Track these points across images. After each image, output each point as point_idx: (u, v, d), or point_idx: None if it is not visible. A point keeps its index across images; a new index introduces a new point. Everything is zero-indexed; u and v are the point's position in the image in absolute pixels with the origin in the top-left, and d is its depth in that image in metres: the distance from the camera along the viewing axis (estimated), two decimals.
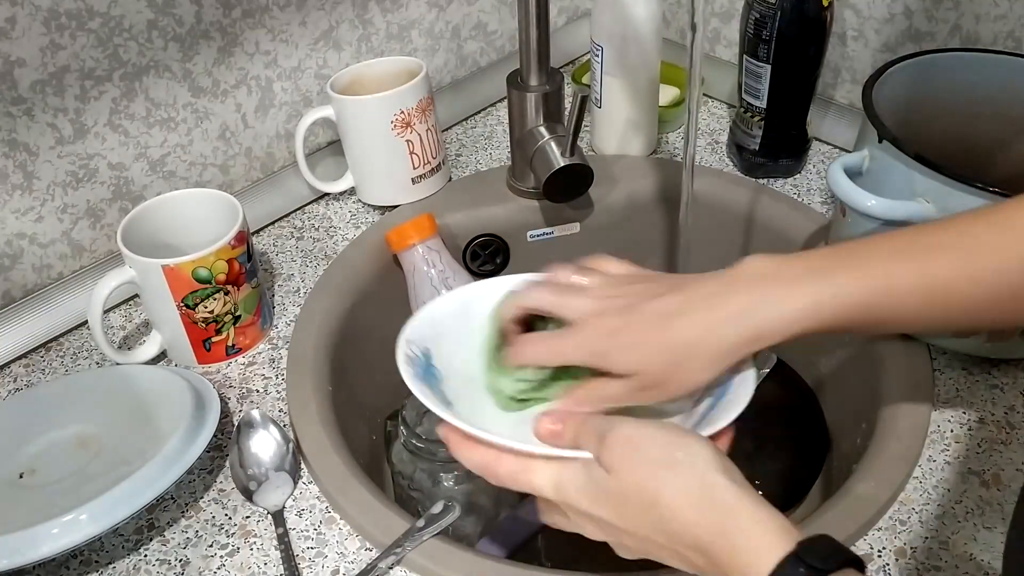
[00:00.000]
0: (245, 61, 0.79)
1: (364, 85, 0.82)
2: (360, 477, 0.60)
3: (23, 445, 0.61)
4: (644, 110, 0.86)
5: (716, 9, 0.94)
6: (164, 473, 0.56)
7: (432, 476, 0.65)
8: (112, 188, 0.75)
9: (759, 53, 0.78)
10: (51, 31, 0.67)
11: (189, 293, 0.66)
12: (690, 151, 0.68)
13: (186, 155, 0.79)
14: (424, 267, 0.75)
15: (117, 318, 0.76)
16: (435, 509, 0.57)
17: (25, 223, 0.72)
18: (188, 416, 0.59)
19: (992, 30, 0.77)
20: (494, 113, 0.98)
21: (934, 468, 0.59)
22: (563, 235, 0.85)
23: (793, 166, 0.85)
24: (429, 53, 0.93)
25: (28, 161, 0.70)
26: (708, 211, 0.82)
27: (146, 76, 0.74)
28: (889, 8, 0.81)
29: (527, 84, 0.77)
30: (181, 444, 0.58)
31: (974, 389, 0.64)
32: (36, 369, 0.72)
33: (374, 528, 0.57)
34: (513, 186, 0.83)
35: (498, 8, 0.97)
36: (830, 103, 0.88)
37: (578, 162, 0.75)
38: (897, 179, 0.61)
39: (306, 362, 0.69)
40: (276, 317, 0.74)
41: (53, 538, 0.53)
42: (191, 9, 0.74)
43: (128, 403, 0.65)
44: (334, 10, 0.83)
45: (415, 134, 0.79)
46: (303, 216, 0.85)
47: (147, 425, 0.61)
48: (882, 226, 0.62)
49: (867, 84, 0.66)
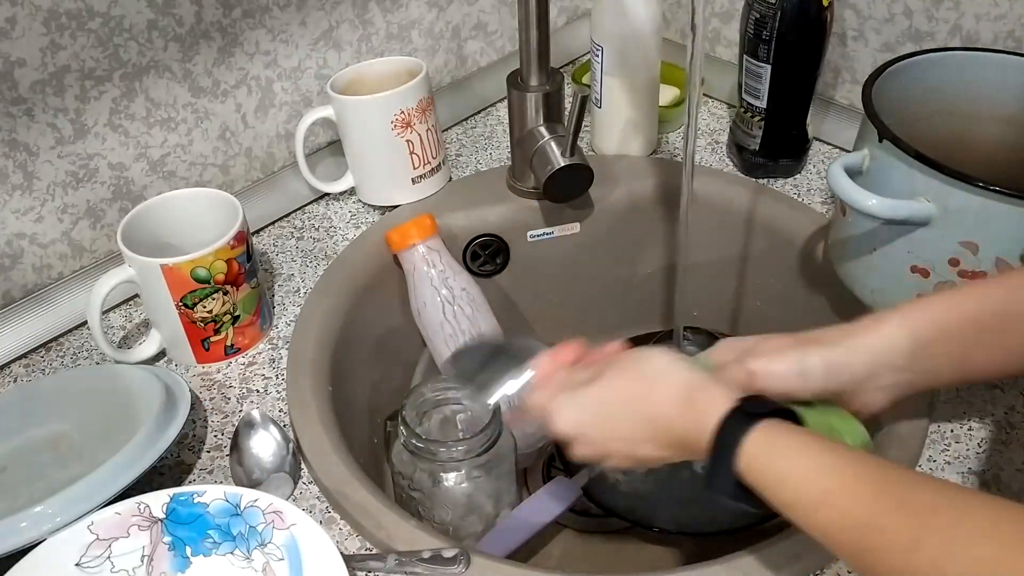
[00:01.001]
0: (245, 61, 0.79)
1: (364, 85, 0.82)
2: (360, 477, 0.60)
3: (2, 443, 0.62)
4: (644, 110, 0.86)
5: (716, 9, 0.94)
6: (115, 478, 0.56)
7: (432, 476, 0.65)
8: (112, 188, 0.75)
9: (759, 53, 0.78)
10: (51, 31, 0.67)
11: (188, 293, 0.66)
12: (690, 151, 0.68)
13: (186, 155, 0.79)
14: (424, 267, 0.75)
15: (117, 318, 0.76)
16: (447, 553, 0.54)
17: (25, 223, 0.72)
18: (152, 418, 0.59)
19: (992, 30, 0.77)
20: (494, 113, 0.98)
21: (934, 468, 0.59)
22: (563, 235, 0.85)
23: (793, 166, 0.85)
24: (429, 53, 0.93)
25: (28, 161, 0.70)
26: (708, 211, 0.82)
27: (146, 76, 0.74)
28: (889, 8, 0.81)
29: (527, 84, 0.77)
30: (138, 449, 0.57)
31: (974, 389, 0.64)
32: (36, 369, 0.72)
33: (374, 528, 0.57)
34: (513, 186, 0.83)
35: (498, 8, 0.97)
36: (830, 103, 0.88)
37: (578, 162, 0.75)
38: (897, 178, 0.61)
39: (306, 362, 0.68)
40: (276, 317, 0.74)
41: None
42: (191, 9, 0.74)
43: (106, 403, 0.65)
44: (334, 10, 0.83)
45: (415, 134, 0.79)
46: (303, 216, 0.85)
47: (118, 426, 0.61)
48: (883, 225, 0.62)
49: (867, 84, 0.66)
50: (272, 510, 0.54)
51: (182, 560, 0.54)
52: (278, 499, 0.54)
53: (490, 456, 0.64)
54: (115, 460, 0.56)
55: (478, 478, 0.65)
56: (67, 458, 0.59)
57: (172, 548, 0.54)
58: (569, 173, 0.76)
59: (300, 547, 0.52)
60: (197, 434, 0.65)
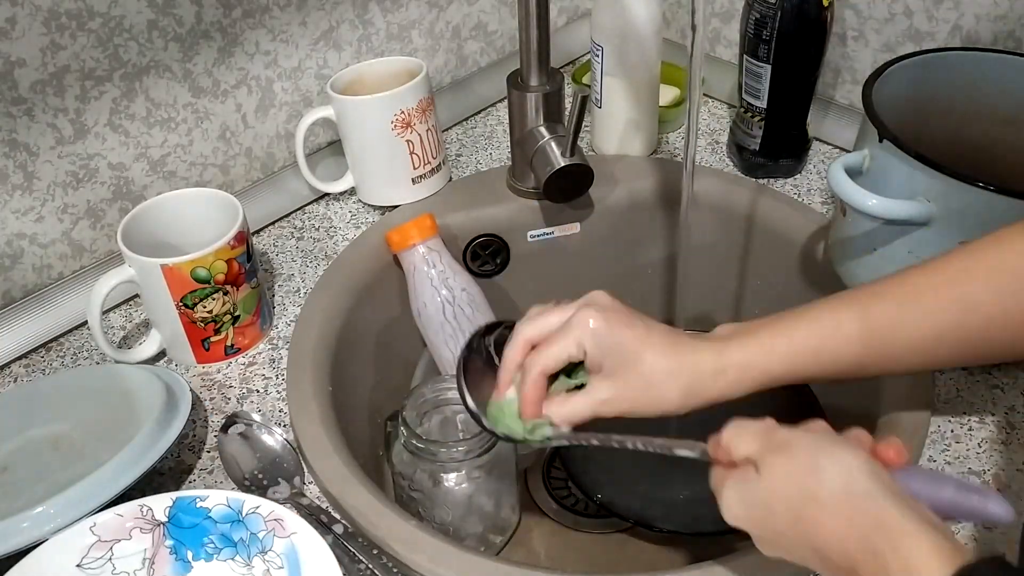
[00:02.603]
0: (245, 61, 0.79)
1: (364, 85, 0.82)
2: (360, 477, 0.60)
3: (2, 443, 0.62)
4: (644, 110, 0.86)
5: (716, 9, 0.94)
6: (117, 479, 0.56)
7: (433, 477, 0.65)
8: (112, 188, 0.75)
9: (759, 53, 0.78)
10: (51, 31, 0.67)
11: (188, 293, 0.66)
12: (690, 151, 0.68)
13: (186, 155, 0.79)
14: (424, 267, 0.75)
15: (117, 318, 0.76)
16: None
17: (25, 223, 0.72)
18: (153, 418, 0.59)
19: (992, 30, 0.77)
20: (494, 113, 0.98)
21: (934, 468, 0.59)
22: (563, 235, 0.85)
23: (793, 166, 0.85)
24: (429, 53, 0.93)
25: (28, 161, 0.70)
26: (708, 211, 0.82)
27: (146, 76, 0.74)
28: (889, 8, 0.81)
29: (527, 84, 0.77)
30: (139, 449, 0.57)
31: (974, 389, 0.64)
32: (36, 369, 0.72)
33: (374, 528, 0.57)
34: (513, 186, 0.83)
35: (498, 8, 0.97)
36: (830, 103, 0.88)
37: (578, 162, 0.75)
38: (897, 178, 0.61)
39: (306, 362, 0.68)
40: (276, 317, 0.74)
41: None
42: (191, 9, 0.74)
43: (106, 403, 0.65)
44: (334, 10, 0.83)
45: (415, 134, 0.79)
46: (303, 216, 0.85)
47: (119, 426, 0.61)
48: (883, 225, 0.62)
49: (867, 84, 0.66)
50: (273, 517, 0.54)
51: (183, 564, 0.54)
52: (280, 506, 0.54)
53: (490, 456, 0.64)
54: (116, 460, 0.56)
55: (478, 479, 0.65)
56: (68, 458, 0.59)
57: (173, 552, 0.54)
58: (569, 173, 0.76)
59: (300, 556, 0.52)
60: (197, 434, 0.65)
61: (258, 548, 0.54)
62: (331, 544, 0.53)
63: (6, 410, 0.66)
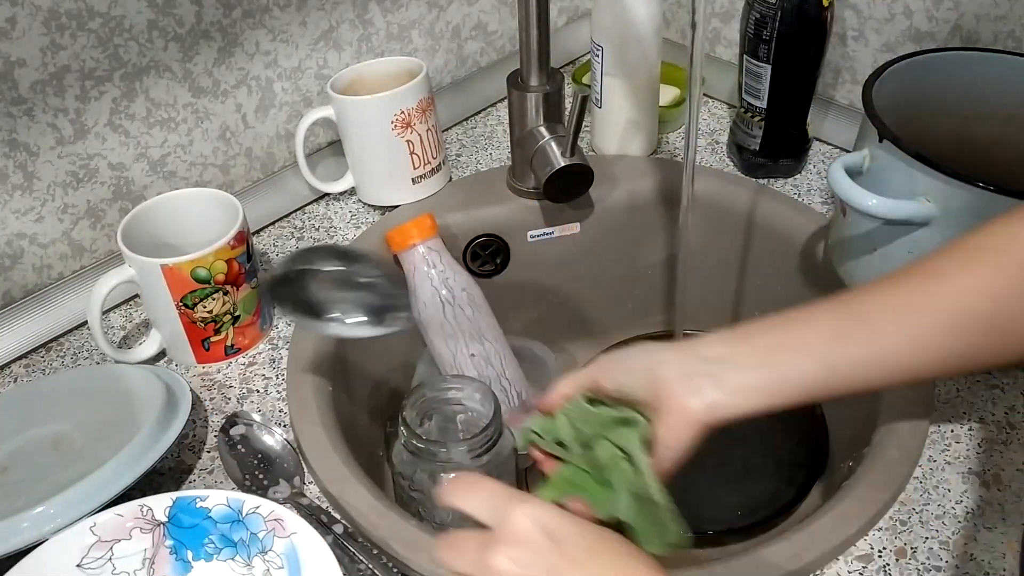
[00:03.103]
0: (245, 61, 0.79)
1: (364, 85, 0.82)
2: (360, 477, 0.60)
3: (2, 443, 0.62)
4: (644, 110, 0.86)
5: (716, 9, 0.94)
6: (117, 478, 0.56)
7: (433, 477, 0.64)
8: (112, 188, 0.75)
9: (759, 53, 0.78)
10: (51, 31, 0.67)
11: (188, 293, 0.66)
12: (690, 151, 0.68)
13: (186, 155, 0.79)
14: (424, 267, 0.75)
15: (117, 318, 0.76)
16: None
17: (25, 223, 0.72)
18: (154, 418, 0.59)
19: (992, 30, 0.77)
20: (494, 113, 0.98)
21: (934, 468, 0.59)
22: (563, 235, 0.85)
23: (793, 166, 0.85)
24: (429, 53, 0.93)
25: (28, 161, 0.70)
26: (708, 211, 0.82)
27: (146, 76, 0.74)
28: (889, 8, 0.81)
29: (527, 84, 0.77)
30: (139, 450, 0.57)
31: (974, 389, 0.64)
32: (36, 369, 0.72)
33: (374, 528, 0.57)
34: (513, 186, 0.83)
35: (498, 8, 0.97)
36: (830, 103, 0.88)
37: (578, 162, 0.75)
38: (898, 178, 0.61)
39: (306, 362, 0.68)
40: (276, 317, 0.74)
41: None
42: (191, 9, 0.74)
43: (106, 403, 0.65)
44: (334, 10, 0.83)
45: (415, 134, 0.79)
46: (303, 216, 0.85)
47: (119, 426, 0.61)
48: (883, 225, 0.62)
49: (867, 84, 0.66)
50: (273, 518, 0.54)
51: (183, 564, 0.54)
52: (280, 507, 0.54)
53: (490, 456, 0.64)
54: (117, 460, 0.56)
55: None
56: (68, 458, 0.59)
57: (173, 552, 0.55)
58: (569, 173, 0.76)
59: (300, 556, 0.52)
60: (197, 434, 0.65)
61: (258, 548, 0.54)
62: (331, 544, 0.53)
63: (6, 410, 0.66)
